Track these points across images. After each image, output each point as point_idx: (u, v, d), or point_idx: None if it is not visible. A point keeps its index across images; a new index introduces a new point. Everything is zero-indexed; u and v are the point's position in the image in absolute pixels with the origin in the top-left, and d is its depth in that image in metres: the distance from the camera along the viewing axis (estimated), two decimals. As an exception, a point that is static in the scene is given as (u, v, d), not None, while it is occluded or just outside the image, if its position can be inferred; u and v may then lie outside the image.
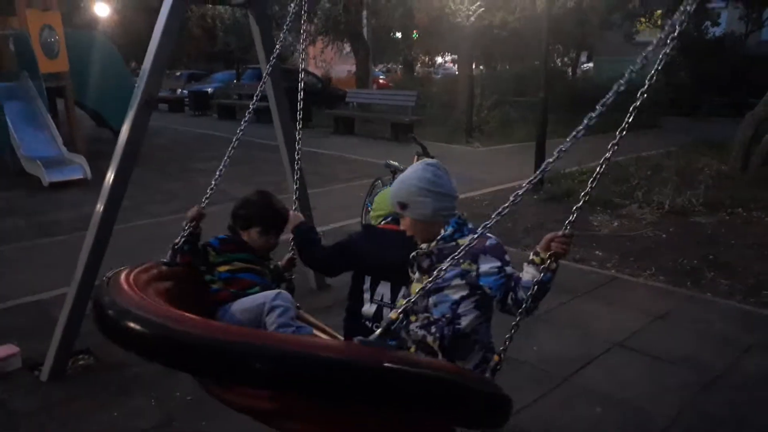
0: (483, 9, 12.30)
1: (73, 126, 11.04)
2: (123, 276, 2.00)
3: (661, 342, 3.88)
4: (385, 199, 2.46)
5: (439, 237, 2.05)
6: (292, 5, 3.19)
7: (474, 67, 16.31)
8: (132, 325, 1.66)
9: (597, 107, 1.84)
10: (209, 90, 20.64)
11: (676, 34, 1.75)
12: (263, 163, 10.54)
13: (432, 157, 5.78)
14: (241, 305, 2.26)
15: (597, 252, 5.64)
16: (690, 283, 4.92)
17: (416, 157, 5.86)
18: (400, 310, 1.71)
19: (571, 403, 3.23)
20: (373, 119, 14.63)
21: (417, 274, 2.08)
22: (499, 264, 1.96)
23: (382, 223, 2.50)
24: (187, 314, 1.70)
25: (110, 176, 3.79)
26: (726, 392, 3.31)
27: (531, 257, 1.87)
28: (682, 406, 3.18)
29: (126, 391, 3.36)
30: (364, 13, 18.61)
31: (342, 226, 6.52)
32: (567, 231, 1.82)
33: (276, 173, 9.23)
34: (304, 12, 3.34)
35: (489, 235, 1.97)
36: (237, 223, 2.52)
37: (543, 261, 1.83)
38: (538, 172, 1.88)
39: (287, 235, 2.60)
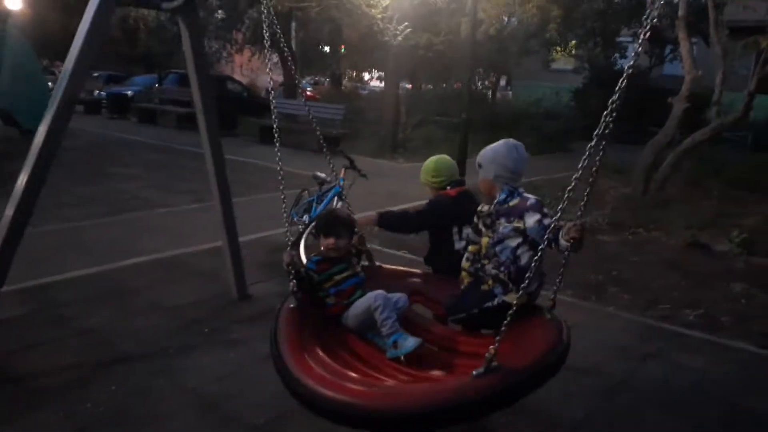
0: (410, 30, 12.62)
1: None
2: (293, 349, 2.56)
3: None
4: (448, 165, 3.58)
5: (495, 201, 2.84)
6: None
7: (400, 85, 16.65)
8: (338, 410, 2.28)
9: (608, 112, 2.45)
10: (129, 93, 19.90)
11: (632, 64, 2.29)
12: (184, 170, 10.31)
13: (359, 170, 5.92)
14: (354, 312, 2.92)
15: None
16: (595, 297, 5.26)
17: (344, 169, 5.95)
18: (489, 349, 2.23)
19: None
20: (299, 130, 14.60)
21: (483, 230, 2.88)
22: (538, 217, 2.68)
23: (449, 188, 3.49)
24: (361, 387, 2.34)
25: (23, 179, 3.63)
26: (625, 397, 3.58)
27: (562, 233, 2.49)
28: (587, 409, 3.41)
29: (31, 405, 3.21)
30: (293, 24, 18.61)
31: (265, 236, 6.49)
32: (579, 222, 2.47)
33: (197, 180, 9.07)
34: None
35: (529, 196, 2.81)
36: (317, 237, 3.09)
37: (567, 241, 2.47)
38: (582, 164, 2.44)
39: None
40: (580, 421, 3.30)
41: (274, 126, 3.25)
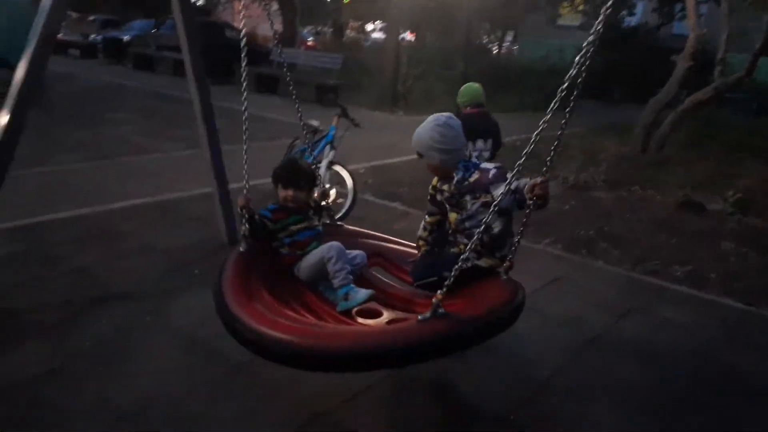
0: (413, -23, 12.30)
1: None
2: (235, 289, 2.56)
3: (552, 303, 4.16)
4: (471, 90, 4.68)
5: (454, 180, 2.82)
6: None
7: (401, 36, 16.33)
8: (274, 348, 2.26)
9: (565, 79, 2.31)
10: (125, 38, 19.53)
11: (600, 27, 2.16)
12: (177, 116, 10.19)
13: (352, 119, 5.85)
14: (308, 263, 2.91)
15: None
16: (585, 251, 5.29)
17: (336, 117, 5.89)
18: (444, 290, 2.27)
19: (465, 355, 3.43)
20: (297, 79, 14.41)
21: (447, 207, 2.90)
22: (507, 188, 2.54)
23: (468, 108, 4.60)
24: (308, 329, 2.32)
25: (6, 116, 3.58)
26: (603, 349, 3.62)
27: (525, 192, 2.49)
28: (563, 360, 3.46)
29: (19, 338, 3.25)
30: (294, -29, 18.14)
31: (258, 184, 6.44)
32: (545, 178, 2.45)
33: (190, 127, 8.95)
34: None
35: (488, 166, 2.80)
36: (275, 186, 3.04)
37: (530, 199, 2.46)
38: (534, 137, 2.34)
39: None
40: (555, 370, 3.35)
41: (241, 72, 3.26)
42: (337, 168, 5.51)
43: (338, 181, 5.62)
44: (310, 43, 26.74)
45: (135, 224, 5.11)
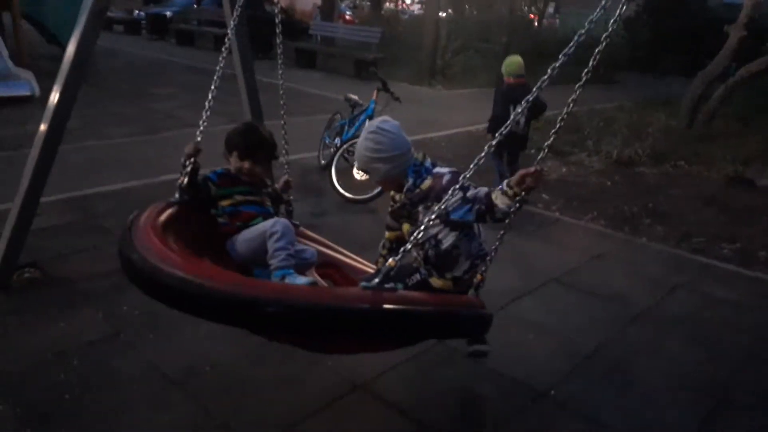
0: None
1: (20, 40, 10.49)
2: (145, 225, 2.16)
3: (595, 279, 4.11)
4: (512, 62, 5.22)
5: (404, 189, 2.43)
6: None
7: (441, 10, 16.05)
8: (163, 281, 1.87)
9: (560, 57, 2.04)
10: (168, 13, 19.73)
11: None
12: (219, 91, 10.29)
13: (392, 93, 5.82)
14: (245, 236, 2.42)
15: (543, 195, 5.83)
16: (628, 228, 5.18)
17: (376, 91, 5.87)
18: (388, 261, 1.91)
19: (506, 330, 3.43)
20: (335, 54, 14.35)
21: (401, 217, 2.52)
22: (460, 194, 2.22)
23: (511, 78, 5.18)
24: (204, 268, 1.93)
25: (56, 92, 3.67)
26: (648, 327, 3.57)
27: (504, 188, 2.15)
28: (606, 337, 3.42)
29: (73, 305, 3.39)
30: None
31: (299, 159, 6.52)
32: (539, 168, 2.09)
33: (232, 103, 9.05)
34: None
35: (441, 171, 2.40)
36: (226, 151, 2.62)
37: (516, 194, 2.11)
38: (510, 120, 2.11)
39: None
40: (597, 346, 3.32)
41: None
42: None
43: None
44: (348, 17, 26.53)
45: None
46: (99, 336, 3.12)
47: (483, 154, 2.04)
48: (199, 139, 2.63)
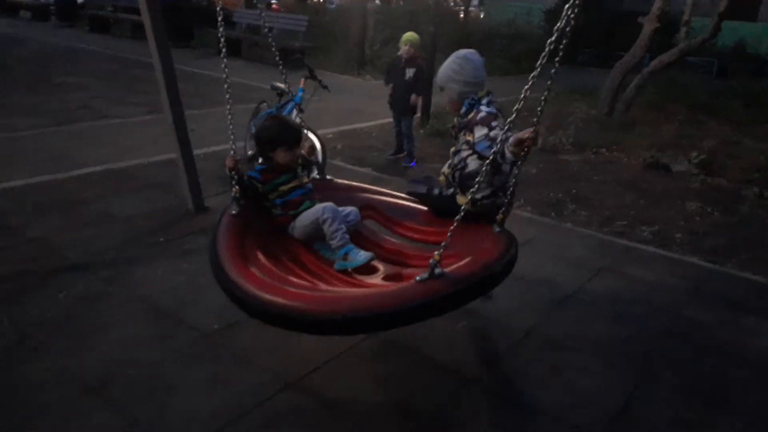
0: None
1: None
2: (230, 253, 2.53)
3: (523, 264, 4.10)
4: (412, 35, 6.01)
5: (458, 114, 2.98)
6: None
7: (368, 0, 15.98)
8: (272, 311, 2.27)
9: (547, 45, 2.26)
10: (79, -1, 18.65)
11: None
12: (137, 81, 9.83)
13: (319, 80, 5.70)
14: (302, 223, 2.88)
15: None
16: (554, 213, 5.31)
17: (304, 79, 5.73)
18: (434, 255, 2.25)
19: (436, 318, 3.42)
20: (260, 43, 14.00)
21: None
22: (485, 131, 2.74)
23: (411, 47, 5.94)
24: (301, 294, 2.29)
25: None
26: (574, 309, 3.65)
27: (509, 151, 2.47)
28: (535, 320, 3.48)
29: (-26, 311, 3.11)
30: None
31: (223, 149, 6.29)
32: (533, 133, 2.41)
33: (150, 92, 8.64)
34: None
35: (482, 109, 2.86)
36: (264, 149, 2.94)
37: (516, 154, 2.45)
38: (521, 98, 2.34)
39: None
40: (529, 329, 3.37)
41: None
42: (306, 132, 5.36)
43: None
44: (274, 6, 25.99)
45: (95, 192, 4.92)
46: (5, 342, 2.88)
47: (512, 117, 2.34)
48: (233, 151, 2.89)
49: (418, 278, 2.21)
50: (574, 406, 2.75)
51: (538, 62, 2.23)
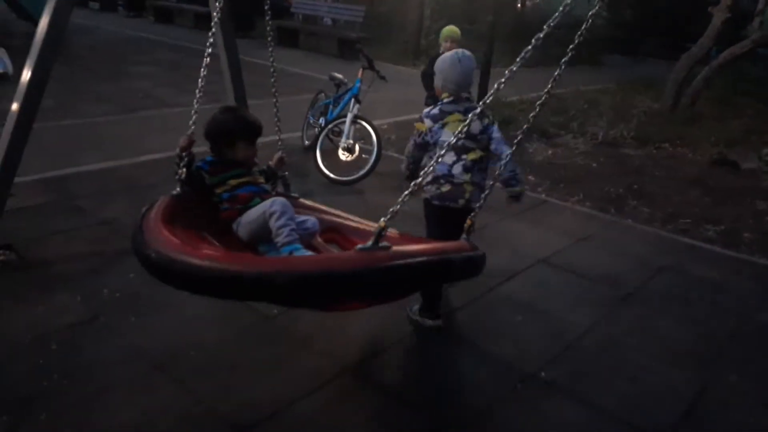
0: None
1: (-10, 16, 10.12)
2: (155, 221, 2.28)
3: (582, 260, 4.10)
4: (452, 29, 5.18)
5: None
6: None
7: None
8: (182, 270, 2.02)
9: (542, 32, 2.06)
10: (145, -10, 19.20)
11: None
12: (199, 70, 10.06)
13: (377, 71, 5.72)
14: (248, 218, 2.54)
15: (530, 177, 5.80)
16: (614, 209, 5.18)
17: (362, 70, 5.75)
18: (380, 221, 1.97)
19: (494, 311, 3.41)
20: (318, 33, 14.13)
21: None
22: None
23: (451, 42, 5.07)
24: (215, 253, 2.13)
25: (29, 69, 3.53)
26: (636, 307, 3.57)
27: None
28: (596, 317, 3.41)
29: (50, 288, 3.28)
30: None
31: (282, 139, 6.39)
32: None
33: (213, 81, 8.85)
34: None
35: (438, 105, 3.03)
36: (219, 142, 2.68)
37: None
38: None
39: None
40: (587, 327, 3.31)
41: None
42: (362, 123, 5.41)
43: (362, 136, 5.54)
44: (330, -3, 26.11)
45: (159, 177, 5.08)
46: (78, 319, 3.02)
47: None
48: (191, 130, 2.60)
49: (359, 246, 1.97)
50: (637, 407, 2.69)
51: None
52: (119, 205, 4.45)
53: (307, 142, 6.15)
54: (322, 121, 5.98)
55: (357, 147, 5.39)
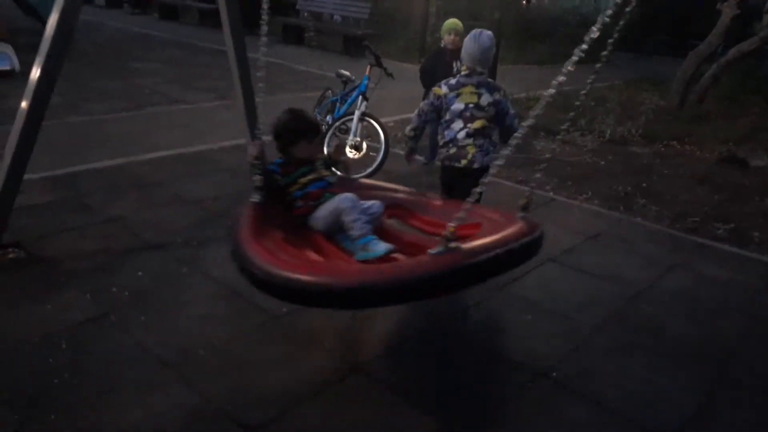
0: None
1: (-3, 13, 10.12)
2: (250, 236, 2.50)
3: (592, 259, 4.08)
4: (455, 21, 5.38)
5: None
6: None
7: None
8: (286, 287, 2.23)
9: (593, 31, 2.11)
10: (149, -13, 19.20)
11: None
12: (205, 67, 10.09)
13: (385, 68, 5.69)
14: (321, 213, 2.84)
15: (537, 175, 5.73)
16: (622, 207, 5.15)
17: (369, 67, 5.73)
18: (448, 227, 2.15)
19: (504, 310, 3.39)
20: (324, 30, 14.10)
21: None
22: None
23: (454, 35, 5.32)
24: (314, 267, 2.36)
25: (38, 66, 3.52)
26: (646, 306, 3.54)
27: None
28: (606, 316, 3.40)
29: (59, 285, 3.28)
30: None
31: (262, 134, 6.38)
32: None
33: (218, 78, 8.88)
34: None
35: (457, 77, 3.50)
36: (284, 142, 2.93)
37: None
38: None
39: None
40: (598, 326, 3.29)
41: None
42: (370, 120, 5.39)
43: (369, 134, 5.52)
44: (334, -7, 26.04)
45: (166, 175, 5.10)
46: (87, 317, 3.02)
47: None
48: (260, 141, 2.82)
49: (431, 251, 2.15)
50: (645, 407, 2.67)
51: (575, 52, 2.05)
52: (127, 202, 4.45)
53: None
54: (329, 118, 5.96)
55: (364, 144, 5.37)
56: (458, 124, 3.41)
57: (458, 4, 18.08)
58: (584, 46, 2.01)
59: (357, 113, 5.36)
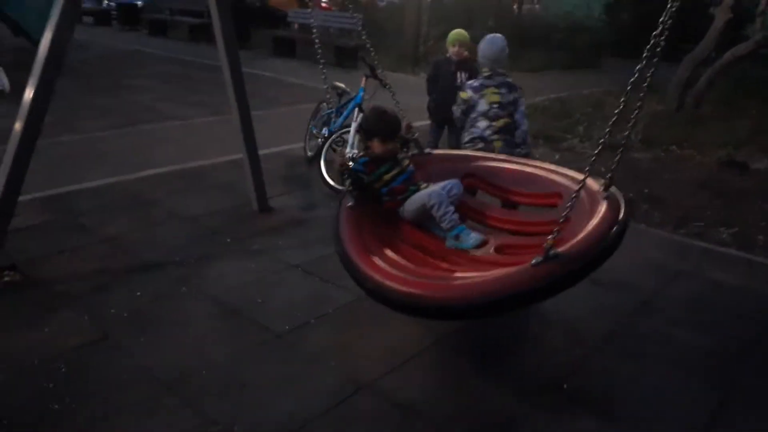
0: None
1: (-13, 33, 10.05)
2: (355, 245, 2.78)
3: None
4: (460, 32, 5.41)
5: None
6: None
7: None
8: (394, 299, 2.49)
9: (660, 31, 2.37)
10: (139, 3, 19.23)
11: None
12: (197, 82, 10.04)
13: (381, 80, 5.64)
14: (410, 206, 3.03)
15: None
16: (625, 213, 5.09)
17: (365, 78, 5.68)
18: (548, 240, 2.28)
19: (513, 321, 3.32)
20: (314, 41, 14.09)
21: None
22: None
23: (459, 46, 5.29)
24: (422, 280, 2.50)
25: (32, 86, 3.47)
26: (655, 314, 3.48)
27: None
28: (615, 325, 3.33)
29: (56, 309, 3.20)
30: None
31: (285, 150, 6.34)
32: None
33: (210, 93, 8.82)
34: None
35: (478, 78, 4.03)
36: (366, 138, 3.11)
37: None
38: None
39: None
40: (605, 336, 3.23)
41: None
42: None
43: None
44: (324, 5, 26.14)
45: (162, 192, 5.02)
46: (86, 340, 2.94)
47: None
48: (340, 148, 3.15)
49: (533, 262, 2.24)
50: (654, 419, 2.61)
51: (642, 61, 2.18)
52: (123, 221, 4.37)
53: (309, 153, 6.08)
54: (325, 131, 5.90)
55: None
56: (483, 123, 3.82)
57: (450, 13, 18.18)
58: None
59: (354, 125, 5.30)
